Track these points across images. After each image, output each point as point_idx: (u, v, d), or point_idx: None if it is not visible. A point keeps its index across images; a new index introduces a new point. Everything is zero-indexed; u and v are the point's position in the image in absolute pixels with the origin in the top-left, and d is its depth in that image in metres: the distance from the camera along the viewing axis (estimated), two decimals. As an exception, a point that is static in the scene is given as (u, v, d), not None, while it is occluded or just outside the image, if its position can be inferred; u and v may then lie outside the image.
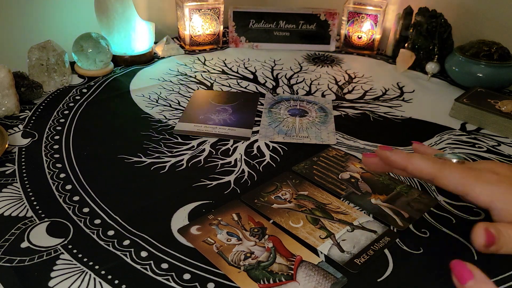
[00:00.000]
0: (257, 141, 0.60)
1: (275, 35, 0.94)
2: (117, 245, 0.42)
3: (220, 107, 0.69)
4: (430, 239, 0.44)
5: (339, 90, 0.77)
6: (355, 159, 0.57)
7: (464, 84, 0.78)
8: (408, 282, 0.39)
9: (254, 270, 0.39)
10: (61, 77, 0.72)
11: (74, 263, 0.40)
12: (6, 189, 0.49)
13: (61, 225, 0.44)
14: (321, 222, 0.45)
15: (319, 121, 0.66)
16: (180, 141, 0.59)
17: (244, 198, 0.48)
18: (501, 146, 0.61)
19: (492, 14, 0.83)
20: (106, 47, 0.77)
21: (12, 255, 0.40)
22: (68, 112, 0.66)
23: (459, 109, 0.68)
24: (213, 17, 0.91)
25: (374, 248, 0.42)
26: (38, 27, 0.82)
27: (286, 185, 0.51)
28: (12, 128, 0.61)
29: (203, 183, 0.51)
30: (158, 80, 0.78)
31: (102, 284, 0.38)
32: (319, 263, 0.40)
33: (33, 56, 0.70)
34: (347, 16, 0.92)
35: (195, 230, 0.44)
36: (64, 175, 0.52)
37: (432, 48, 0.83)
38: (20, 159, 0.54)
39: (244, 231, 0.43)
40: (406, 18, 0.86)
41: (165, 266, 0.40)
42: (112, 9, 0.78)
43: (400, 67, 0.85)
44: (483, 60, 0.74)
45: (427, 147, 0.49)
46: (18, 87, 0.65)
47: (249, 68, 0.84)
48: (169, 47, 0.88)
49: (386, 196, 0.50)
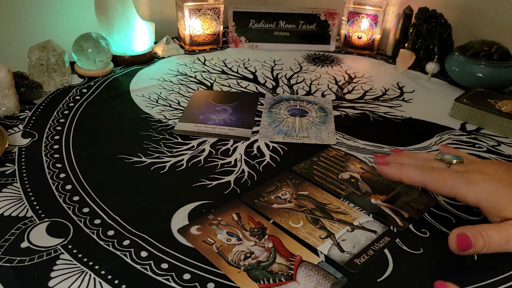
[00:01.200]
0: (257, 141, 0.60)
1: (275, 35, 0.94)
2: (117, 245, 0.42)
3: (220, 107, 0.69)
4: (430, 239, 0.44)
5: (339, 90, 0.77)
6: (355, 159, 0.57)
7: (464, 84, 0.78)
8: (408, 282, 0.39)
9: (254, 270, 0.39)
10: (61, 77, 0.72)
11: (74, 263, 0.40)
12: (6, 189, 0.49)
13: (61, 225, 0.44)
14: (321, 222, 0.45)
15: (319, 121, 0.66)
16: (180, 141, 0.59)
17: (244, 198, 0.48)
18: (501, 146, 0.61)
19: (492, 14, 0.83)
20: (106, 47, 0.77)
21: (12, 255, 0.40)
22: (68, 112, 0.66)
23: (459, 109, 0.68)
24: (213, 17, 0.91)
25: (374, 248, 0.42)
26: (38, 27, 0.82)
27: (286, 185, 0.51)
28: (12, 128, 0.61)
29: (203, 183, 0.51)
30: (158, 80, 0.78)
31: (102, 284, 0.38)
32: (319, 263, 0.40)
33: (33, 56, 0.70)
34: (347, 16, 0.92)
35: (195, 230, 0.44)
36: (64, 175, 0.52)
37: (432, 48, 0.83)
38: (20, 159, 0.54)
39: (244, 231, 0.43)
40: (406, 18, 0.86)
41: (165, 266, 0.40)
42: (112, 9, 0.78)
43: (400, 67, 0.85)
44: (483, 60, 0.74)
45: (452, 148, 0.54)
46: (18, 87, 0.65)
47: (249, 68, 0.84)
48: (169, 47, 0.88)
49: (386, 196, 0.50)
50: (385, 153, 0.58)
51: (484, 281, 0.39)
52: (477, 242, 0.39)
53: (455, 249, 0.39)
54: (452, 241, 0.40)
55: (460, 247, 0.39)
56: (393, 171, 0.46)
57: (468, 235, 0.39)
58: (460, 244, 0.39)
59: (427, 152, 0.53)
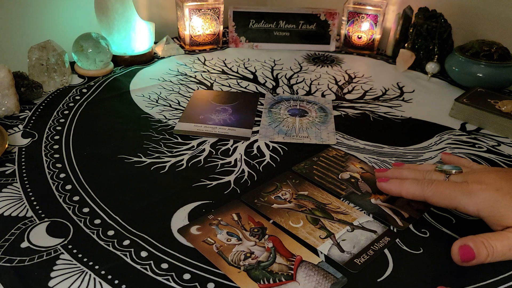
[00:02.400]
0: (257, 141, 0.60)
1: (275, 35, 0.94)
2: (117, 245, 0.42)
3: (220, 107, 0.69)
4: (430, 239, 0.44)
5: (339, 90, 0.77)
6: (355, 159, 0.57)
7: (464, 84, 0.78)
8: (408, 282, 0.39)
9: (254, 270, 0.39)
10: (61, 77, 0.72)
11: (74, 263, 0.40)
12: (6, 189, 0.49)
13: (61, 225, 0.44)
14: (321, 222, 0.45)
15: (319, 121, 0.66)
16: (180, 141, 0.59)
17: (244, 198, 0.48)
18: (501, 146, 0.61)
19: (492, 14, 0.83)
20: (106, 47, 0.77)
21: (12, 255, 0.40)
22: (68, 112, 0.66)
23: (459, 109, 0.68)
24: (213, 17, 0.91)
25: (374, 248, 0.42)
26: (38, 27, 0.82)
27: (286, 185, 0.51)
28: (12, 128, 0.61)
29: (203, 183, 0.51)
30: (158, 80, 0.78)
31: (102, 284, 0.38)
32: (319, 263, 0.40)
33: (33, 56, 0.70)
34: (347, 16, 0.92)
35: (195, 230, 0.44)
36: (64, 175, 0.52)
37: (432, 48, 0.83)
38: (20, 159, 0.54)
39: (244, 231, 0.43)
40: (406, 18, 0.86)
41: (165, 266, 0.40)
42: (112, 9, 0.78)
43: (400, 67, 0.85)
44: (483, 60, 0.74)
45: (454, 156, 0.55)
46: (18, 87, 0.65)
47: (249, 68, 0.84)
48: (169, 47, 0.88)
49: (386, 196, 0.50)
50: (385, 153, 0.58)
51: (484, 281, 0.39)
52: (480, 253, 0.39)
53: (458, 261, 0.40)
54: (455, 253, 0.40)
55: (464, 259, 0.39)
56: (392, 187, 0.47)
57: (471, 246, 0.39)
58: (463, 256, 0.39)
59: (427, 164, 0.53)
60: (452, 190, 0.43)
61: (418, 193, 0.45)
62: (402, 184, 0.46)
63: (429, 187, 0.44)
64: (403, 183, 0.47)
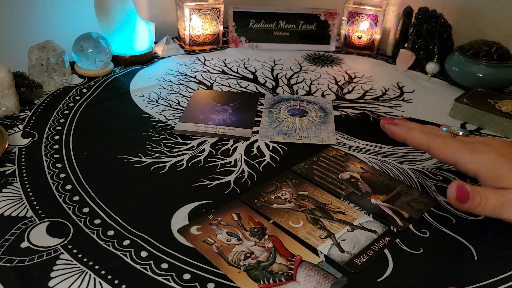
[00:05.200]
0: (257, 141, 0.60)
1: (275, 35, 0.94)
2: (117, 245, 0.42)
3: (220, 107, 0.69)
4: (430, 239, 0.44)
5: (339, 90, 0.77)
6: (355, 159, 0.57)
7: (464, 84, 0.78)
8: (408, 282, 0.39)
9: (254, 270, 0.39)
10: (61, 77, 0.72)
11: (74, 263, 0.40)
12: (6, 189, 0.49)
13: (61, 225, 0.44)
14: (321, 222, 0.45)
15: (319, 121, 0.66)
16: (180, 141, 0.59)
17: (244, 198, 0.48)
18: (501, 146, 0.61)
19: (492, 14, 0.83)
20: (106, 47, 0.77)
21: (12, 255, 0.40)
22: (68, 112, 0.66)
23: (459, 109, 0.68)
24: (213, 17, 0.91)
25: (374, 248, 0.42)
26: (38, 27, 0.82)
27: (286, 185, 0.51)
28: (12, 128, 0.61)
29: (203, 183, 0.51)
30: (158, 80, 0.78)
31: (102, 284, 0.38)
32: (319, 263, 0.40)
33: (33, 56, 0.70)
34: (347, 16, 0.92)
35: (195, 230, 0.44)
36: (64, 175, 0.52)
37: (432, 48, 0.83)
38: (20, 159, 0.54)
39: (244, 231, 0.43)
40: (406, 18, 0.86)
41: (165, 266, 0.40)
42: (112, 9, 0.78)
43: (400, 67, 0.85)
44: (483, 60, 0.74)
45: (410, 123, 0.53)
46: (18, 87, 0.65)
47: (249, 68, 0.84)
48: (169, 47, 0.88)
49: (386, 196, 0.50)
50: (385, 153, 0.58)
51: (484, 281, 0.39)
52: (474, 197, 0.40)
53: (453, 199, 0.41)
54: (451, 191, 0.41)
55: (459, 198, 0.41)
56: (400, 131, 0.48)
57: (468, 189, 0.41)
58: (459, 195, 0.41)
59: None
60: (458, 145, 0.44)
61: (424, 142, 0.46)
62: (410, 131, 0.47)
63: (436, 139, 0.45)
64: (411, 130, 0.48)
